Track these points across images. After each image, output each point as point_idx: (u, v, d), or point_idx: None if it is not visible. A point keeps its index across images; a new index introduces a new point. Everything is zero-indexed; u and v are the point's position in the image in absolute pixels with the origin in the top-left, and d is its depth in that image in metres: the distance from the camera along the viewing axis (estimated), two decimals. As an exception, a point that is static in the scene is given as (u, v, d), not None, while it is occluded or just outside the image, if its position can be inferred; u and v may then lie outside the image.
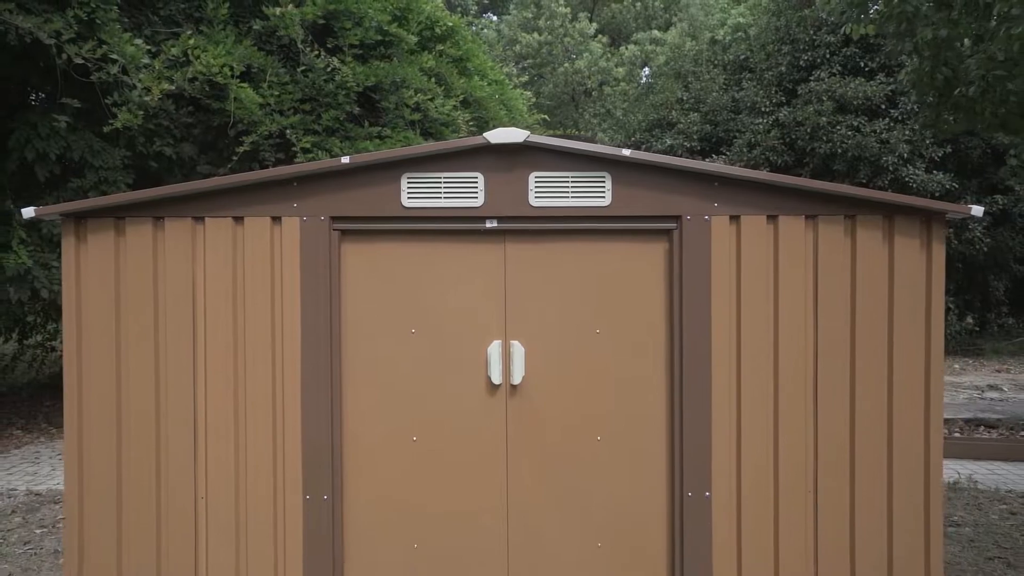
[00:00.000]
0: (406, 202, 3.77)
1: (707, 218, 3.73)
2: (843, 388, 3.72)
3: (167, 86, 7.82)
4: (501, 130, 3.69)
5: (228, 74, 8.22)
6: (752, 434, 3.72)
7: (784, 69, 16.12)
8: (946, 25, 6.50)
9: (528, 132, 3.69)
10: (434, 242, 3.86)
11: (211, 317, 3.74)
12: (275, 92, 8.90)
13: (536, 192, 3.76)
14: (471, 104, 11.87)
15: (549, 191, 3.77)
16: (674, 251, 3.77)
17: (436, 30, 11.62)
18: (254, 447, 3.74)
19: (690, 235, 3.73)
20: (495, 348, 3.85)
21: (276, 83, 8.95)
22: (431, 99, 10.05)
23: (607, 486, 3.85)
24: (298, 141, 8.91)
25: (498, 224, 3.80)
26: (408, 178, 3.77)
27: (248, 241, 3.74)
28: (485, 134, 3.70)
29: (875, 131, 14.36)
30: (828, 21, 15.58)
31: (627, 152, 3.69)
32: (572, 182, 3.77)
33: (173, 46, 8.01)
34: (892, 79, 14.47)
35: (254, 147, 8.80)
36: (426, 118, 10.13)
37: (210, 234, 3.74)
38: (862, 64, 15.35)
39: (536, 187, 3.76)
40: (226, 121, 8.72)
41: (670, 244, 3.81)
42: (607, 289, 3.86)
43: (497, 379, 3.85)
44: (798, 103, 15.28)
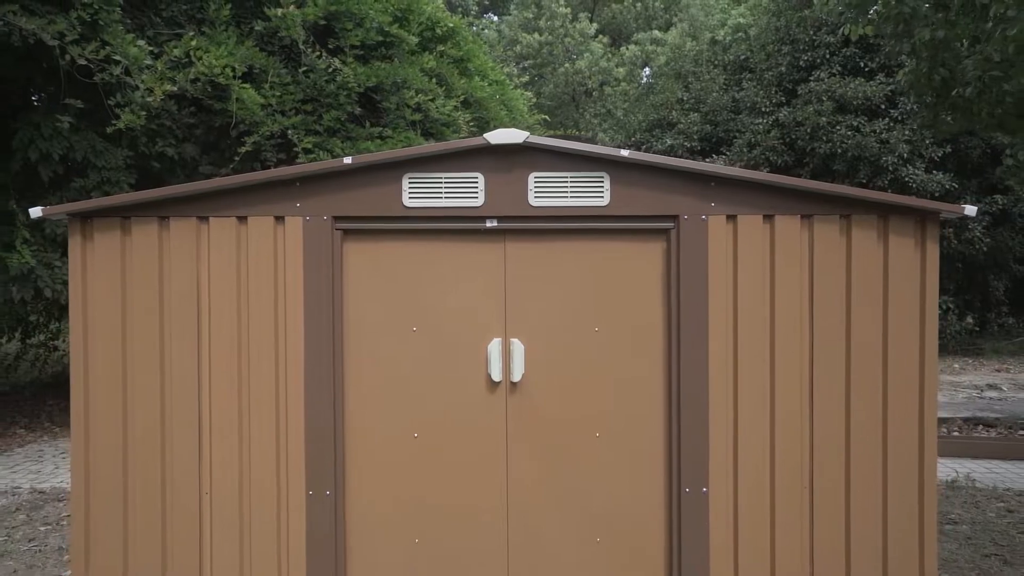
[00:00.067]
0: (407, 202, 3.82)
1: (704, 218, 3.78)
2: (838, 387, 3.76)
3: (169, 87, 7.87)
4: (501, 131, 3.73)
5: (230, 75, 8.27)
6: (748, 432, 3.76)
7: (784, 69, 16.15)
8: (943, 26, 6.54)
9: (527, 133, 3.73)
10: (435, 241, 3.91)
11: (215, 316, 3.78)
12: (277, 93, 8.94)
13: (536, 192, 3.81)
14: (472, 104, 11.90)
15: (548, 191, 3.81)
16: (672, 250, 3.81)
17: (437, 31, 11.66)
18: (258, 444, 3.78)
19: (687, 234, 3.77)
20: (495, 346, 3.90)
21: (278, 84, 8.99)
22: (432, 100, 10.08)
23: (606, 482, 3.90)
24: (300, 141, 8.95)
25: (498, 224, 3.84)
26: (409, 178, 3.82)
27: (252, 241, 3.78)
28: (485, 135, 3.73)
29: (875, 131, 14.39)
30: (828, 21, 15.62)
31: (625, 152, 3.73)
32: (571, 182, 3.81)
33: (175, 47, 8.06)
34: (892, 79, 14.50)
35: (256, 147, 8.84)
36: (427, 118, 10.16)
37: (214, 234, 3.79)
38: (862, 64, 15.39)
39: (535, 187, 3.81)
40: (228, 122, 8.77)
41: (668, 243, 3.85)
42: (606, 288, 3.90)
43: (497, 376, 3.89)
44: (798, 103, 15.31)
